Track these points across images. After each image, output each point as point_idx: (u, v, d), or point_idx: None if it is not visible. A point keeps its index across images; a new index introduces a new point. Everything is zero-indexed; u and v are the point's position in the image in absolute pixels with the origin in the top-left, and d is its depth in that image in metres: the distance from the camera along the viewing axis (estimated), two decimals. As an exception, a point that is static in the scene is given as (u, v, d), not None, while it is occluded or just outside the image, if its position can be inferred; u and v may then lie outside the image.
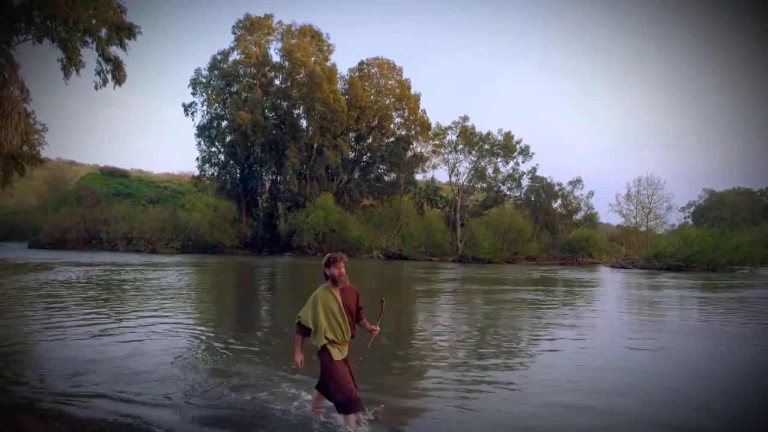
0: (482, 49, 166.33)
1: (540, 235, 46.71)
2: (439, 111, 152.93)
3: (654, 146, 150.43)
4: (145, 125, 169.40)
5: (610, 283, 23.59)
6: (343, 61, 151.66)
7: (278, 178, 51.30)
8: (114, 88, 26.29)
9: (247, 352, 7.38)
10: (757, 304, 15.38)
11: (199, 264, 29.65)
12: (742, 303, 15.59)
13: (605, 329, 10.31)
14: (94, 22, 24.05)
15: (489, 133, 51.37)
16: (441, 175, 56.28)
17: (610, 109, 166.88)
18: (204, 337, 8.42)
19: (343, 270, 4.41)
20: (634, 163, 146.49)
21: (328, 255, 4.50)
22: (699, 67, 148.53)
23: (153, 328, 9.02)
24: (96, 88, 25.51)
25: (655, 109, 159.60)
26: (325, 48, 51.88)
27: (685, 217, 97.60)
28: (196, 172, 54.79)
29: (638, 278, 27.24)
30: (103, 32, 24.55)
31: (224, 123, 50.71)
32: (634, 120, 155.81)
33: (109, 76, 25.56)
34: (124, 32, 24.89)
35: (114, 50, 25.65)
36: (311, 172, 48.84)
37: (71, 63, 24.23)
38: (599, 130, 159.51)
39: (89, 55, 26.86)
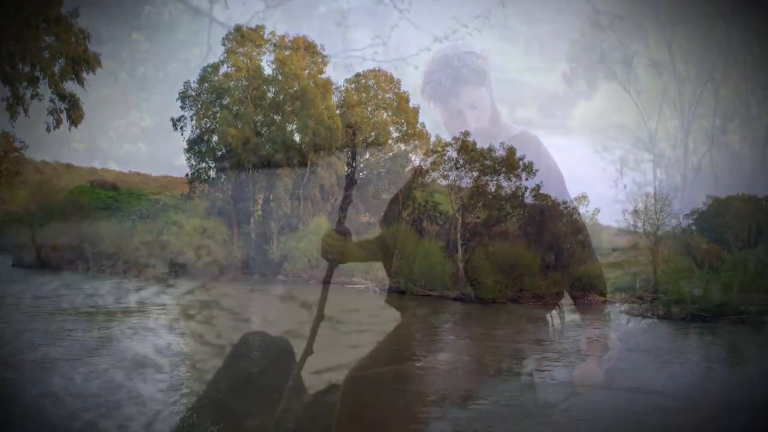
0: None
1: (545, 258, 44.75)
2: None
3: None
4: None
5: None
6: (341, 62, 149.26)
7: (270, 196, 49.37)
8: (69, 129, 23.48)
9: None
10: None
11: (180, 310, 27.71)
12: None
13: None
14: (45, 54, 21.39)
15: (491, 148, 49.31)
16: (441, 180, 54.08)
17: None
18: None
19: None
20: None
21: None
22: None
23: None
24: (48, 130, 22.60)
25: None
26: (320, 60, 49.65)
27: (689, 225, 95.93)
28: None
29: (661, 340, 25.24)
30: (58, 65, 21.79)
31: (215, 138, 48.68)
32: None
33: (64, 116, 22.71)
34: (81, 66, 22.00)
35: (70, 86, 22.94)
36: (304, 192, 46.89)
37: (17, 102, 21.43)
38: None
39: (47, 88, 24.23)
